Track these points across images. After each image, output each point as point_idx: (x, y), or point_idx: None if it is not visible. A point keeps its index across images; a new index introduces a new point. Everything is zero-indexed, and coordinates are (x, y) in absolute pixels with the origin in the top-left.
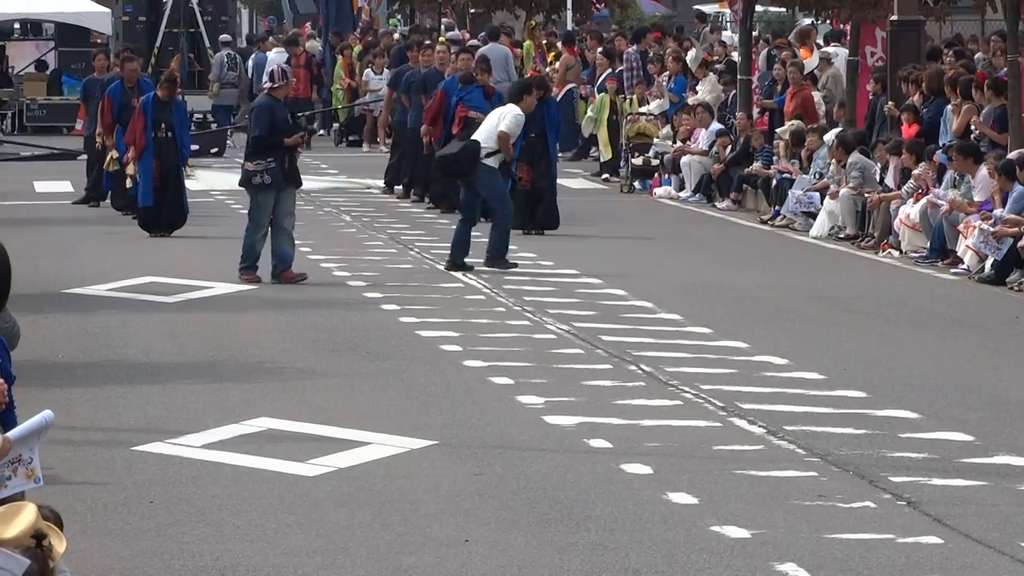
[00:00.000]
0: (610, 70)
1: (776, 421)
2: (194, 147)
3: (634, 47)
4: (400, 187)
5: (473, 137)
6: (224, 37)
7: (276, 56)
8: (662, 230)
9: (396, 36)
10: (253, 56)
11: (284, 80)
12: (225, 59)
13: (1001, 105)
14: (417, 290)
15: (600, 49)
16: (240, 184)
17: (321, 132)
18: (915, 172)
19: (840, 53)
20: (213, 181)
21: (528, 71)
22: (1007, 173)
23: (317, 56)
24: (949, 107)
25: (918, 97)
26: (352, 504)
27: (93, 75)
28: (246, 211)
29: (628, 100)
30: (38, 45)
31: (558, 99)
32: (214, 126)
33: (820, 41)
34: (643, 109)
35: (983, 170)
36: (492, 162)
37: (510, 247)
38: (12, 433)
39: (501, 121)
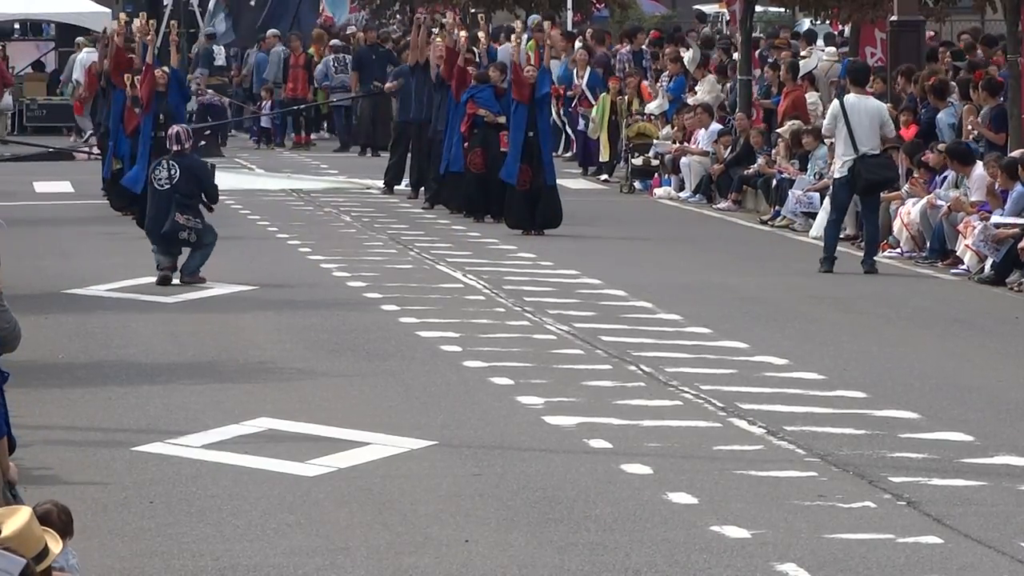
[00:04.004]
0: (589, 68)
1: (776, 421)
2: None
3: (627, 48)
4: (407, 187)
5: (856, 142)
6: (79, 39)
7: (86, 56)
8: (662, 230)
9: (359, 33)
10: (255, 55)
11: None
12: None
13: (997, 105)
14: (417, 290)
15: (580, 45)
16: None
17: (315, 134)
18: (911, 179)
19: (818, 54)
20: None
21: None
22: (1009, 171)
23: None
24: (942, 113)
25: (916, 98)
26: (352, 504)
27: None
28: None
29: (625, 99)
30: (38, 45)
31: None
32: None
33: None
34: (648, 107)
35: (978, 169)
36: None
37: (510, 247)
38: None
39: (883, 125)
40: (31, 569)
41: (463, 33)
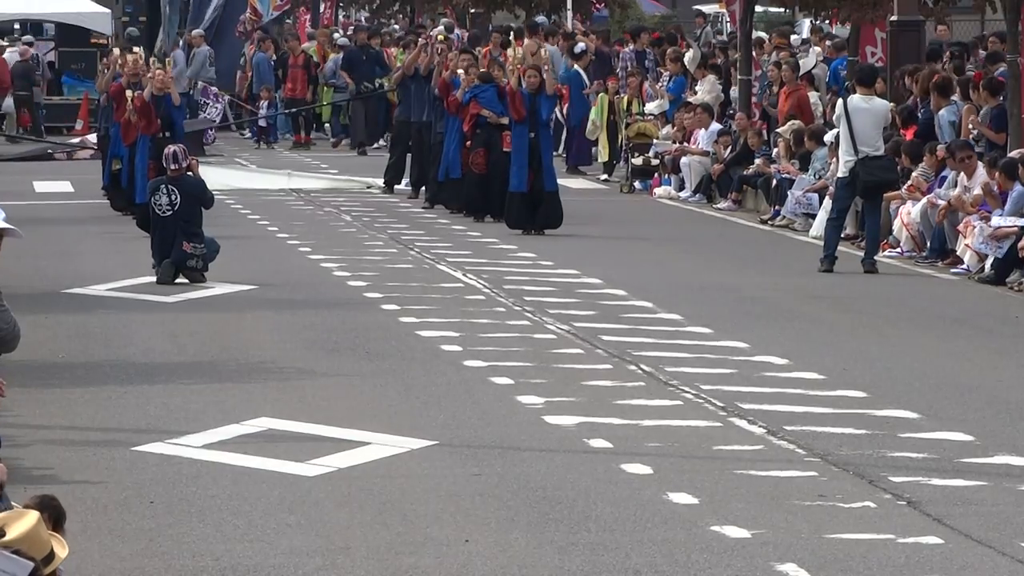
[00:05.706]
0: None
1: (776, 421)
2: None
3: (630, 47)
4: (406, 187)
5: (857, 143)
6: (2, 42)
7: (9, 56)
8: (662, 230)
9: (341, 37)
10: (255, 56)
11: None
12: None
13: (998, 105)
14: (417, 290)
15: (576, 47)
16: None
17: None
18: (914, 175)
19: (815, 53)
20: (211, 180)
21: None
22: (1008, 172)
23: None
24: (943, 111)
25: (916, 98)
26: (352, 504)
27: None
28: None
29: (623, 99)
30: (38, 45)
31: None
32: None
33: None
34: (647, 107)
35: (978, 167)
36: None
37: (510, 247)
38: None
39: (884, 120)
40: (39, 572)
41: (461, 71)
